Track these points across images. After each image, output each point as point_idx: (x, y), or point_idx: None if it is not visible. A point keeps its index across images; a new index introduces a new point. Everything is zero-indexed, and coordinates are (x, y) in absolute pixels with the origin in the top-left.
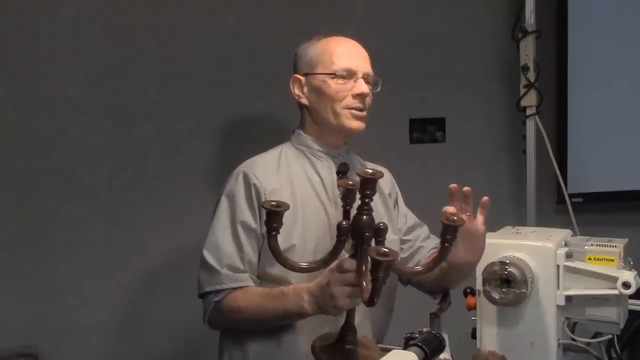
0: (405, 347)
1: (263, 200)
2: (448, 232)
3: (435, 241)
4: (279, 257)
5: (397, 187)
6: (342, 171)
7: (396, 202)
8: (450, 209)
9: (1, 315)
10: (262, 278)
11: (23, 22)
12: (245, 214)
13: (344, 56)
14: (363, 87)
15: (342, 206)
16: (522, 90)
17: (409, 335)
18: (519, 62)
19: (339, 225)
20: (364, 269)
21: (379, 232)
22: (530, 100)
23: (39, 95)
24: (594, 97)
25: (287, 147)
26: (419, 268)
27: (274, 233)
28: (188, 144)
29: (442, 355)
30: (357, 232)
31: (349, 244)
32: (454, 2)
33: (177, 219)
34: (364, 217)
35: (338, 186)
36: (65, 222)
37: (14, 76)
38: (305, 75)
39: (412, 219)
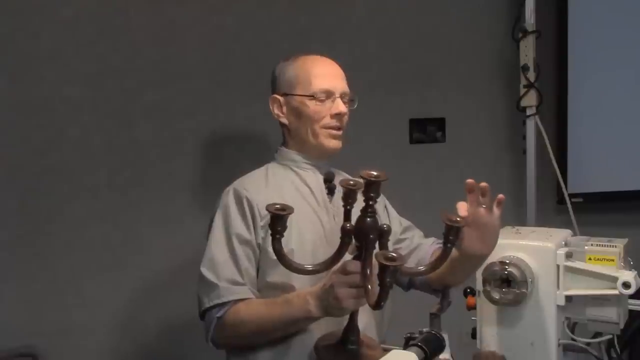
0: (405, 347)
1: (256, 212)
2: (450, 233)
3: (431, 240)
4: (283, 259)
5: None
6: (329, 179)
7: (385, 207)
8: (462, 209)
9: (1, 315)
10: (263, 288)
11: (23, 22)
12: (239, 227)
13: (322, 77)
14: (341, 107)
15: (343, 206)
16: (522, 90)
17: (409, 335)
18: (519, 62)
19: (342, 228)
20: (368, 271)
21: (383, 234)
22: (530, 100)
23: (39, 95)
24: (594, 97)
25: (272, 165)
26: (422, 268)
27: (278, 236)
28: (188, 144)
29: (442, 355)
30: (362, 234)
31: (352, 246)
32: (454, 2)
33: (177, 219)
34: (368, 219)
35: (341, 186)
36: (65, 222)
37: (14, 76)
38: (284, 95)
39: (405, 221)
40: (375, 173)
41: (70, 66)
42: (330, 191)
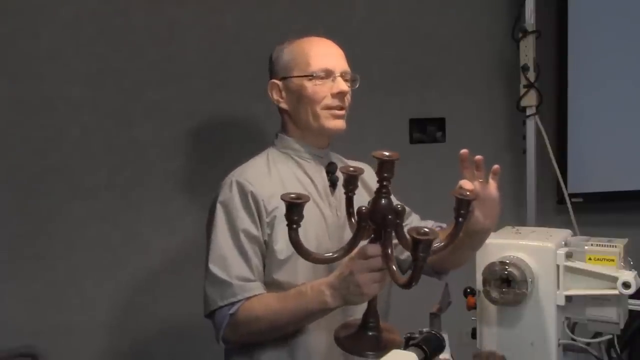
0: (405, 347)
1: (262, 208)
2: (461, 206)
3: (430, 223)
4: (301, 249)
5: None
6: (331, 171)
7: None
8: (467, 184)
9: (1, 315)
10: (268, 285)
11: (23, 22)
12: (246, 222)
13: (320, 56)
14: (342, 85)
15: (345, 193)
16: (522, 90)
17: (409, 335)
18: (519, 62)
19: (359, 211)
20: (389, 252)
21: (398, 214)
22: (530, 100)
23: (39, 95)
24: (594, 97)
25: (272, 152)
26: (438, 244)
27: (294, 226)
28: (188, 144)
29: (442, 355)
30: (379, 216)
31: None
32: (454, 2)
33: (177, 219)
34: (383, 200)
35: (341, 172)
36: (65, 222)
37: (14, 76)
38: (282, 79)
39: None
40: (387, 153)
41: (70, 66)
42: (333, 183)
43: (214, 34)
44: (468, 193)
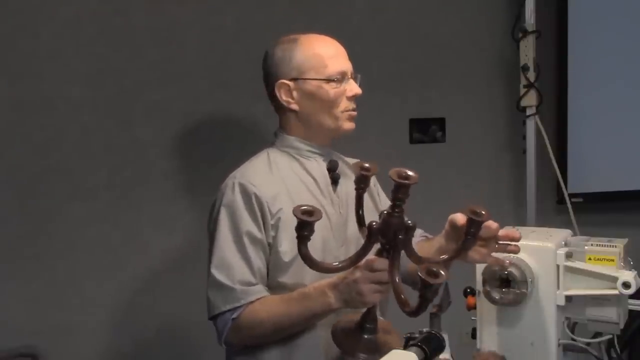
0: (405, 347)
1: (266, 210)
2: (472, 226)
3: (419, 232)
4: (310, 261)
5: (375, 179)
6: (333, 168)
7: (377, 194)
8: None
9: (1, 315)
10: (273, 287)
11: (23, 22)
12: (249, 225)
13: (334, 58)
14: (356, 88)
15: (355, 189)
16: (522, 90)
17: (409, 335)
18: (519, 62)
19: (369, 226)
20: (396, 274)
21: (408, 230)
22: (530, 100)
23: (39, 95)
24: (594, 97)
25: (272, 152)
26: (444, 257)
27: (305, 240)
28: (188, 144)
29: (442, 355)
30: (390, 233)
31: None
32: (454, 2)
33: (177, 219)
34: (395, 219)
35: (354, 169)
36: (65, 222)
37: (14, 76)
38: (294, 80)
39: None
40: (408, 173)
41: (70, 66)
42: (334, 181)
43: (214, 34)
44: (483, 212)
